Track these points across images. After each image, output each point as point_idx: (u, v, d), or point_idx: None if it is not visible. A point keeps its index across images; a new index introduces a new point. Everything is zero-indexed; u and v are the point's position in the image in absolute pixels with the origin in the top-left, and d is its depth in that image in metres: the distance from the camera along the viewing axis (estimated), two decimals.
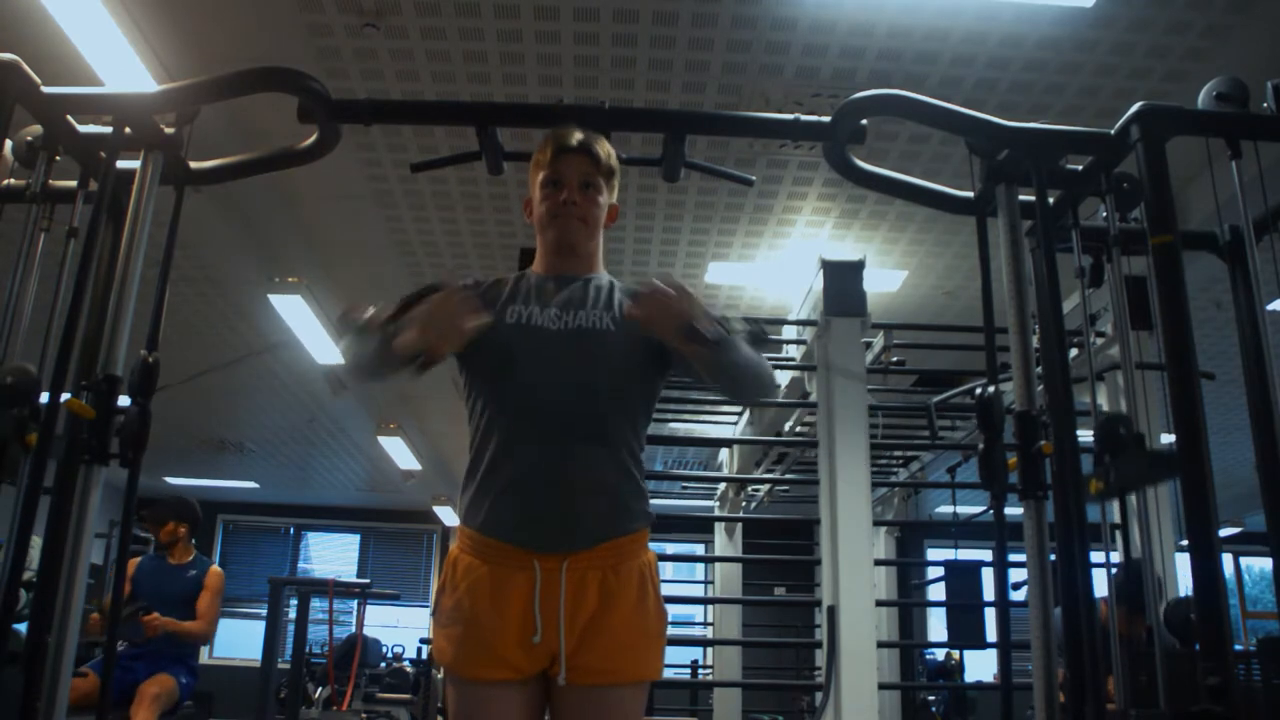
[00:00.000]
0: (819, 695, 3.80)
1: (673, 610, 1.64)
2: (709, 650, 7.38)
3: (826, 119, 2.06)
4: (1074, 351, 3.47)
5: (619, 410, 1.60)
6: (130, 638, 3.80)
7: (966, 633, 5.00)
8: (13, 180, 2.04)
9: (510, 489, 1.53)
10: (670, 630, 1.61)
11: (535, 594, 1.48)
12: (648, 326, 1.49)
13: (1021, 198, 2.10)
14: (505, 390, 1.59)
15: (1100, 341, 3.60)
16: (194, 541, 4.25)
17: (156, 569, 4.12)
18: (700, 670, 7.90)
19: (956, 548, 6.83)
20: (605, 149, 1.71)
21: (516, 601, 1.49)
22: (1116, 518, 1.86)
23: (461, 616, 1.51)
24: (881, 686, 3.87)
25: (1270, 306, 4.39)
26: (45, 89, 1.94)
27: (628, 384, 1.62)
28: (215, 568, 4.21)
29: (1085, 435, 1.80)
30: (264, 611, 6.37)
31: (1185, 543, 1.68)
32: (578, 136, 1.69)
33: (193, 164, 2.15)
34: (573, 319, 1.61)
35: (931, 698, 7.11)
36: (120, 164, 2.03)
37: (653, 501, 1.64)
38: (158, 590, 3.96)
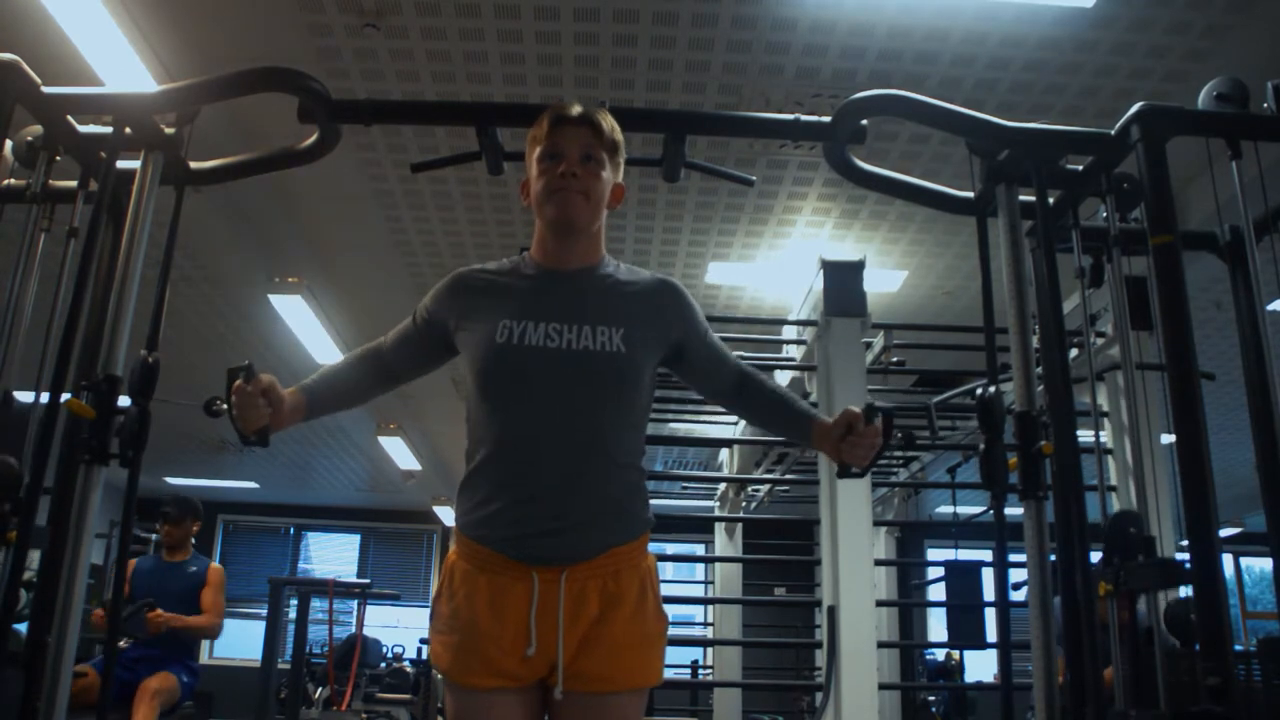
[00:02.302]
0: (819, 695, 3.80)
1: (673, 610, 1.63)
2: (709, 650, 7.38)
3: (827, 119, 2.06)
4: (1074, 351, 3.47)
5: (620, 424, 1.54)
6: (134, 633, 3.80)
7: (966, 633, 4.99)
8: (13, 180, 2.04)
9: (508, 504, 1.49)
10: (670, 631, 1.60)
11: (532, 606, 1.46)
12: (836, 446, 1.52)
13: (1021, 198, 2.10)
14: (499, 408, 1.52)
15: (1100, 341, 3.60)
16: (193, 540, 4.26)
17: (155, 568, 4.12)
18: (700, 670, 7.90)
19: (956, 548, 6.82)
20: (608, 121, 1.59)
21: (514, 612, 1.46)
22: None
23: (459, 624, 1.49)
24: (881, 686, 3.87)
25: (1270, 306, 4.38)
26: (45, 89, 1.94)
27: (631, 399, 1.55)
28: (215, 564, 4.23)
29: (1085, 435, 1.80)
30: (264, 611, 6.38)
31: (1185, 543, 1.68)
32: (576, 108, 1.57)
33: (193, 164, 2.15)
34: (577, 339, 1.50)
35: (931, 698, 7.10)
36: (120, 164, 2.03)
37: (653, 501, 1.60)
38: (158, 589, 3.96)
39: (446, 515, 10.81)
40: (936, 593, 6.81)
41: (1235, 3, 3.14)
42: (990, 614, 4.75)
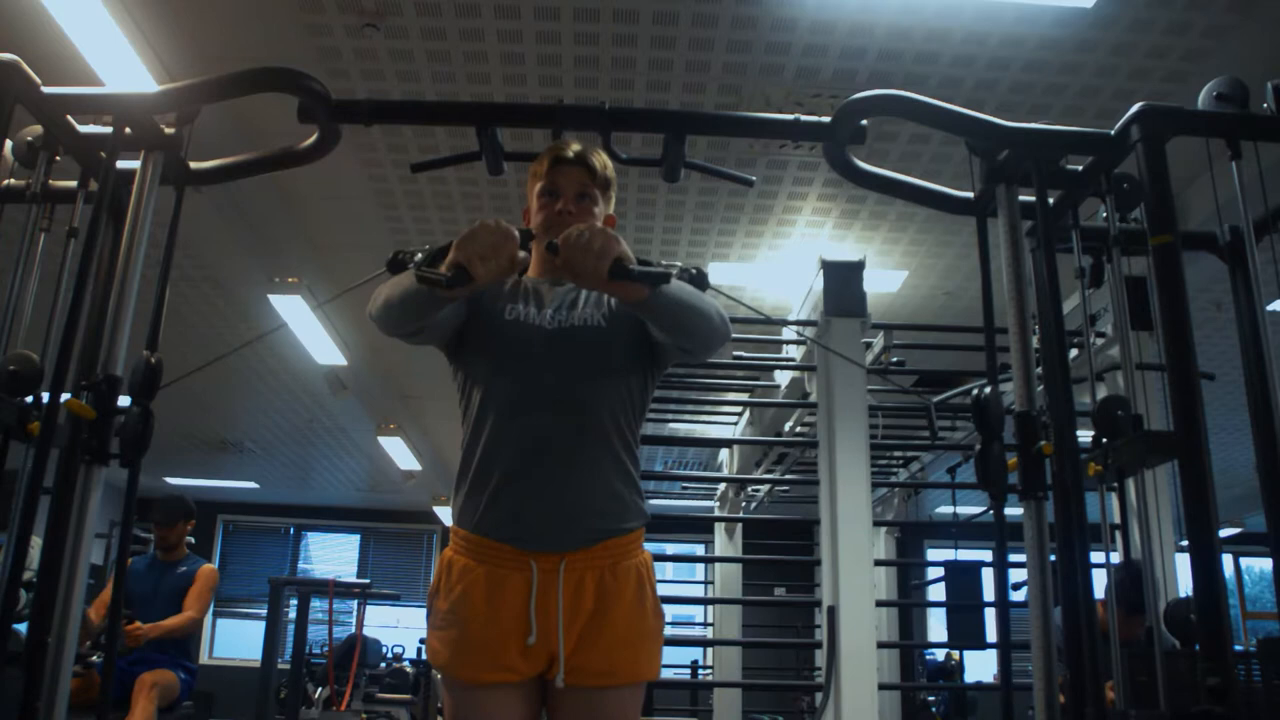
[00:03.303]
0: (819, 695, 3.80)
1: (673, 610, 1.64)
2: (709, 650, 7.38)
3: (827, 119, 2.06)
4: (1074, 351, 3.48)
5: (612, 406, 1.60)
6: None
7: (966, 633, 5.00)
8: (13, 180, 2.04)
9: (505, 488, 1.53)
10: (670, 630, 1.61)
11: (532, 595, 1.48)
12: (574, 274, 1.42)
13: (1021, 198, 2.10)
14: (499, 387, 1.59)
15: (1100, 341, 3.60)
16: (192, 540, 4.25)
17: (149, 568, 4.09)
18: (700, 670, 7.91)
19: (956, 548, 6.83)
20: (601, 160, 1.74)
21: (513, 603, 1.48)
22: (1116, 518, 1.86)
23: (457, 619, 1.50)
24: (881, 687, 3.87)
25: (1270, 306, 4.39)
26: (45, 89, 1.94)
27: (620, 379, 1.62)
28: (208, 565, 4.18)
29: (1085, 435, 1.80)
30: (264, 611, 6.39)
31: (1185, 543, 1.68)
32: (574, 148, 1.72)
33: (193, 164, 2.14)
34: (566, 318, 1.63)
35: (931, 698, 7.11)
36: (120, 164, 2.03)
37: (653, 501, 1.64)
38: (150, 589, 3.94)
39: (446, 515, 10.81)
40: (936, 593, 6.82)
41: (1235, 3, 3.14)
42: (990, 614, 4.76)
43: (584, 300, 1.67)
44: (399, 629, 10.62)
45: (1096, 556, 1.87)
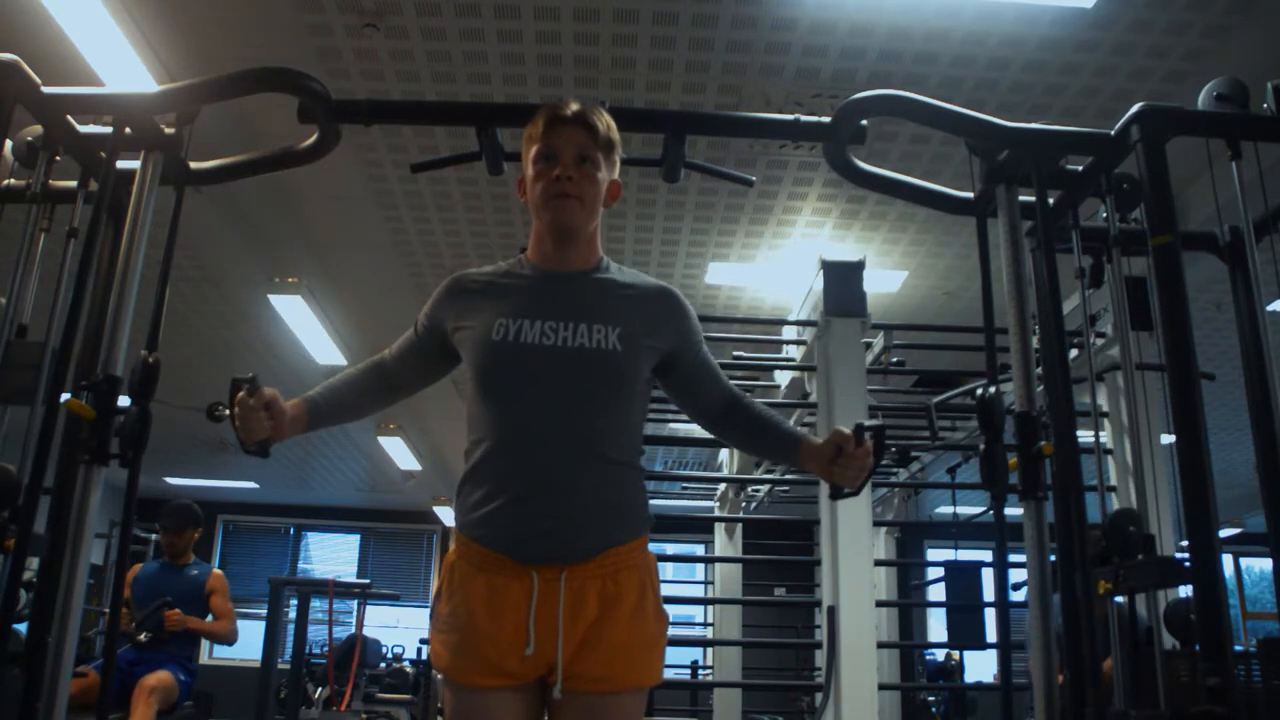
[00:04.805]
0: (819, 695, 3.80)
1: (673, 611, 1.63)
2: (709, 651, 7.38)
3: (827, 119, 2.06)
4: (1074, 352, 3.47)
5: (617, 423, 1.54)
6: (151, 629, 3.85)
7: (966, 633, 5.00)
8: (13, 180, 2.04)
9: (506, 503, 1.49)
10: (670, 631, 1.59)
11: (531, 605, 1.45)
12: (828, 468, 1.54)
13: (1021, 198, 2.10)
14: (498, 407, 1.52)
15: (1100, 342, 3.60)
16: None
17: (158, 572, 4.16)
18: (700, 671, 7.90)
19: (956, 548, 6.83)
20: (604, 120, 1.59)
21: (513, 611, 1.46)
22: None
23: (458, 624, 1.49)
24: (881, 687, 3.86)
25: (1270, 306, 4.38)
26: (45, 89, 1.94)
27: (627, 399, 1.55)
28: (217, 570, 4.29)
29: (1085, 435, 1.80)
30: (264, 611, 6.37)
31: (1185, 543, 1.68)
32: (573, 107, 1.57)
33: (193, 164, 2.15)
34: (573, 336, 1.51)
35: (931, 698, 7.10)
36: (120, 164, 2.03)
37: (653, 501, 1.60)
38: (162, 593, 3.97)
39: (446, 515, 10.81)
40: (936, 593, 6.81)
41: (1235, 3, 3.14)
42: (990, 614, 4.76)
43: (593, 310, 1.55)
44: (399, 629, 10.62)
45: None
